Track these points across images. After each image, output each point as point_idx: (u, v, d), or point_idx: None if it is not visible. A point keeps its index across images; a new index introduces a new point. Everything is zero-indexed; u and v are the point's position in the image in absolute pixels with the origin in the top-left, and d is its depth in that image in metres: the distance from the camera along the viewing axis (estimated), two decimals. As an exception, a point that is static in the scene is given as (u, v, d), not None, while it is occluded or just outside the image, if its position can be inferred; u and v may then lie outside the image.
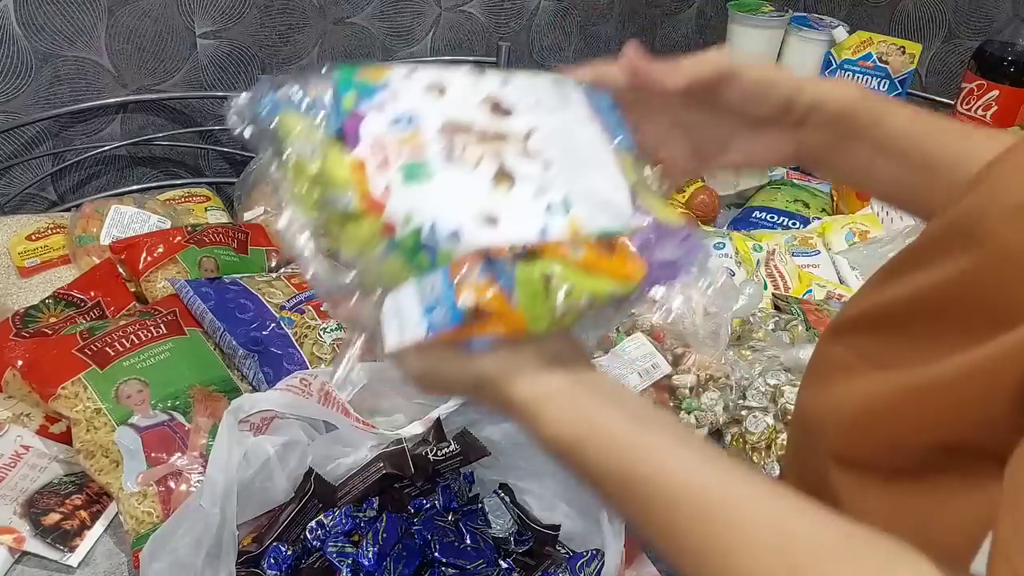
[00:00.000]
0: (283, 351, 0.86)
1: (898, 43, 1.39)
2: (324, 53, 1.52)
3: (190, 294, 0.89)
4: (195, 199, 1.19)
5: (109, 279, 0.98)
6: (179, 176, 1.49)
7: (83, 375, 0.77)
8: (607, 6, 1.67)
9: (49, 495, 0.75)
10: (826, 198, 1.38)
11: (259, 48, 1.45)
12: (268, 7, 1.42)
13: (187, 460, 0.75)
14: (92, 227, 1.05)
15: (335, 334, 0.89)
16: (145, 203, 1.11)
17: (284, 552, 0.67)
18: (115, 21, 1.29)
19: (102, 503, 0.76)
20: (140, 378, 0.78)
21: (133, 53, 1.33)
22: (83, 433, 0.75)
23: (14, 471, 0.75)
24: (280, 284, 0.94)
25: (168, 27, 1.34)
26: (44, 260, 1.02)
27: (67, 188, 1.40)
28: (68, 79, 1.29)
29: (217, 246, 1.02)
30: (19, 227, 1.05)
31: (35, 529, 0.72)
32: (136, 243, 1.00)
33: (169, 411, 0.78)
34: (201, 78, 1.41)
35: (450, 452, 0.73)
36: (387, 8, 1.53)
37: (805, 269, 1.16)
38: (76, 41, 1.27)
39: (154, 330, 0.83)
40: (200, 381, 0.81)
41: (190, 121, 1.44)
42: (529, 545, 0.71)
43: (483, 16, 1.63)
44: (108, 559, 0.73)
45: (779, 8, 1.49)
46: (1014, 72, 1.24)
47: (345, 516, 0.69)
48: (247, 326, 0.87)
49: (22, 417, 0.80)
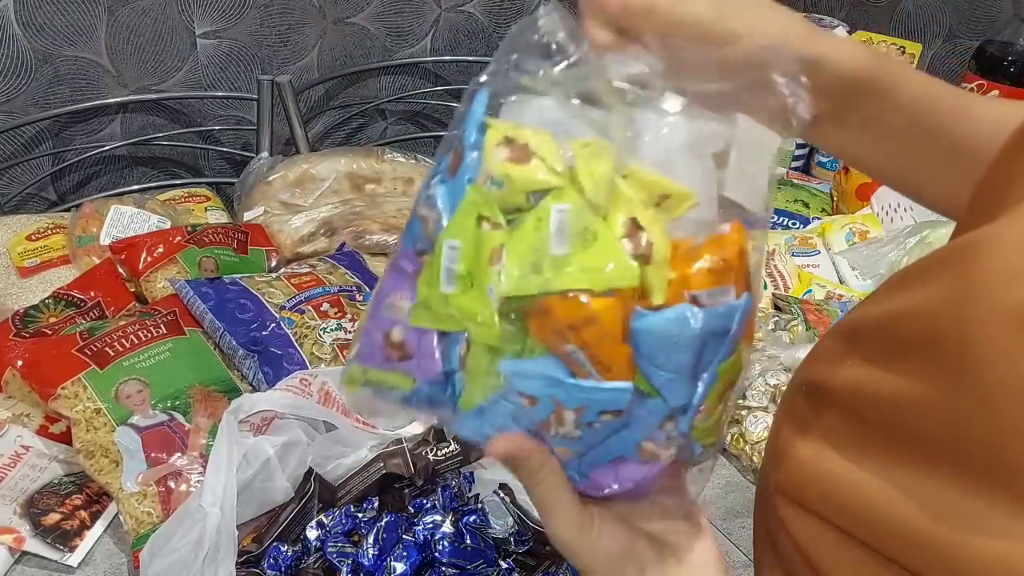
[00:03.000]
0: (283, 351, 0.86)
1: (898, 43, 1.39)
2: (324, 53, 1.52)
3: (190, 294, 0.89)
4: (195, 199, 1.19)
5: (109, 279, 0.98)
6: (179, 176, 1.49)
7: (83, 375, 0.77)
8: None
9: (49, 495, 0.75)
10: (826, 198, 1.38)
11: (259, 48, 1.45)
12: (268, 7, 1.42)
13: (187, 460, 0.75)
14: (92, 227, 1.05)
15: (335, 334, 0.89)
16: (145, 203, 1.11)
17: (284, 552, 0.67)
18: (115, 21, 1.29)
19: (102, 503, 0.76)
20: (140, 378, 0.78)
21: (133, 53, 1.33)
22: (83, 433, 0.75)
23: (14, 471, 0.75)
24: (280, 284, 0.94)
25: (168, 27, 1.34)
26: (44, 260, 1.02)
27: (67, 188, 1.40)
28: (68, 79, 1.29)
29: (217, 246, 1.02)
30: (19, 227, 1.05)
31: (35, 529, 0.72)
32: (136, 243, 1.00)
33: (169, 411, 0.78)
34: (201, 78, 1.41)
35: (450, 452, 0.73)
36: (387, 8, 1.53)
37: (805, 269, 1.16)
38: (76, 41, 1.27)
39: (154, 330, 0.83)
40: (200, 381, 0.81)
41: (190, 121, 1.44)
42: (529, 545, 0.71)
43: (483, 16, 1.63)
44: (108, 559, 0.73)
45: (779, 8, 1.49)
46: (1014, 72, 1.24)
47: (345, 516, 0.70)
48: (247, 326, 0.87)
49: (22, 417, 0.80)
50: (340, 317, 0.91)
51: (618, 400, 0.37)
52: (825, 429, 0.43)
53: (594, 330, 0.35)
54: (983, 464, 0.32)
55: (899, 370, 0.37)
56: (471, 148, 0.39)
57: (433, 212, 0.40)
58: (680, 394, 0.37)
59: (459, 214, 0.38)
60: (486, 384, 0.38)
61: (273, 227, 1.12)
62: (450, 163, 0.40)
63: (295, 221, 1.13)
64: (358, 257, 1.05)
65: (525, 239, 0.37)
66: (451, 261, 0.38)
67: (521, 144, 0.38)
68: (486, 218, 0.38)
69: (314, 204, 1.16)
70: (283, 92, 1.36)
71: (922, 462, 0.35)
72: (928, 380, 0.35)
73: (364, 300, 0.95)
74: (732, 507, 0.83)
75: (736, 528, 0.81)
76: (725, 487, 0.86)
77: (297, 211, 1.15)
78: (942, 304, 0.34)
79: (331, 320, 0.90)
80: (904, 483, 0.36)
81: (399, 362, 0.41)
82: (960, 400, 0.32)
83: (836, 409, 0.43)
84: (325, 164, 1.21)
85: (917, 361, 0.36)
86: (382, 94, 1.63)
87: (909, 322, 0.38)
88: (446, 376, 0.40)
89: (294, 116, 1.39)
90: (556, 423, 0.38)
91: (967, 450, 0.33)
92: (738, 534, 0.80)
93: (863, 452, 0.39)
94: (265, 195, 1.17)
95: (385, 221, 1.14)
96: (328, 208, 1.15)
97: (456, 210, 0.39)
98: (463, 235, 0.38)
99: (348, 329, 0.90)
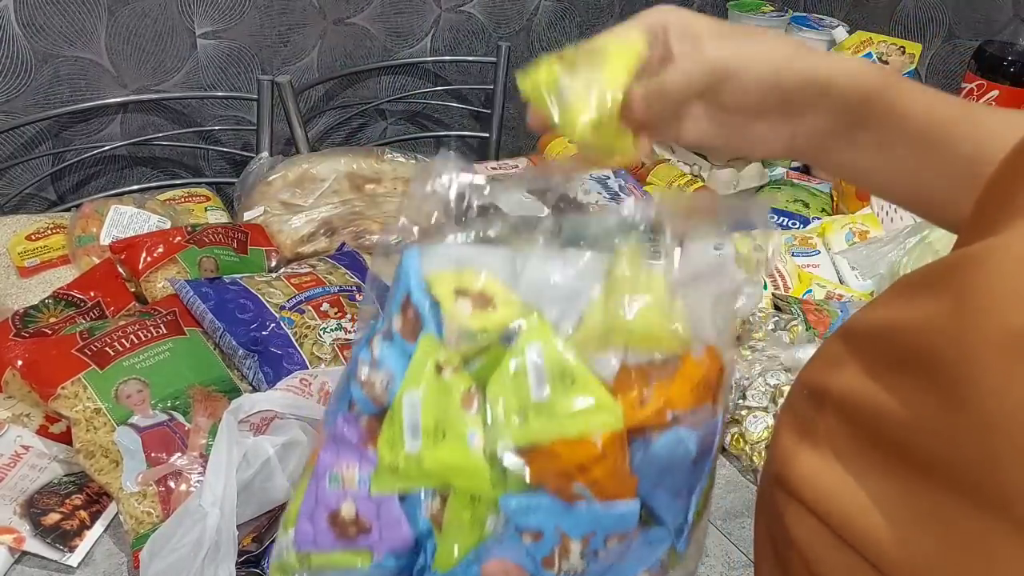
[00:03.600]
0: (283, 351, 0.86)
1: (898, 43, 1.39)
2: (324, 53, 1.52)
3: (190, 294, 0.89)
4: (195, 199, 1.19)
5: (109, 279, 0.98)
6: (179, 176, 1.49)
7: (83, 375, 0.77)
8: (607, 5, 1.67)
9: (49, 495, 0.75)
10: (826, 198, 1.38)
11: (259, 48, 1.45)
12: (268, 7, 1.42)
13: (187, 460, 0.75)
14: (92, 227, 1.05)
15: (335, 334, 0.89)
16: (145, 203, 1.11)
17: (284, 552, 0.67)
18: (115, 21, 1.29)
19: (102, 503, 0.76)
20: (140, 378, 0.78)
21: (133, 53, 1.33)
22: (83, 433, 0.75)
23: (14, 471, 0.75)
24: (280, 284, 0.94)
25: (168, 27, 1.34)
26: (44, 260, 1.02)
27: (67, 188, 1.40)
28: (68, 79, 1.29)
29: (217, 246, 1.02)
30: (19, 227, 1.05)
31: (35, 529, 0.72)
32: (136, 243, 1.00)
33: (169, 411, 0.78)
34: (201, 78, 1.41)
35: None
36: (387, 8, 1.53)
37: (805, 269, 1.16)
38: (76, 41, 1.27)
39: (154, 330, 0.83)
40: (200, 381, 0.81)
41: (190, 121, 1.45)
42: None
43: (483, 16, 1.63)
44: (108, 559, 0.73)
45: (779, 8, 1.49)
46: (1014, 72, 1.24)
47: (345, 516, 0.70)
48: (247, 326, 0.87)
49: (22, 417, 0.80)
50: (340, 317, 0.91)
51: (627, 520, 0.37)
52: (825, 433, 0.42)
53: (604, 467, 0.35)
54: (981, 488, 0.31)
55: (896, 384, 0.37)
56: (424, 307, 0.38)
57: (380, 373, 0.39)
58: (678, 514, 0.38)
59: (414, 366, 0.37)
60: (469, 537, 0.37)
61: (273, 227, 1.12)
62: (400, 327, 0.39)
63: (295, 221, 1.13)
64: (358, 257, 1.05)
65: (502, 383, 0.36)
66: (414, 416, 0.37)
67: (476, 292, 0.38)
68: (444, 365, 0.37)
69: (314, 204, 1.16)
70: (283, 92, 1.36)
71: (918, 479, 0.35)
72: (925, 398, 0.34)
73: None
74: (732, 507, 0.83)
75: (736, 528, 0.81)
76: (725, 487, 0.86)
77: (297, 211, 1.15)
78: (942, 322, 0.34)
79: (331, 320, 0.90)
80: (900, 498, 0.36)
81: (354, 539, 0.38)
82: (957, 422, 0.32)
83: (835, 414, 0.42)
84: (325, 164, 1.21)
85: (914, 377, 0.35)
86: (382, 94, 1.63)
87: (908, 336, 0.37)
88: (416, 542, 0.38)
89: (294, 116, 1.39)
90: (561, 556, 0.37)
91: (964, 473, 0.32)
92: (738, 534, 0.80)
93: (862, 462, 0.39)
94: (265, 195, 1.17)
95: (385, 221, 1.14)
96: (328, 208, 1.15)
97: (410, 363, 0.37)
98: (423, 386, 0.37)
99: (348, 329, 0.90)
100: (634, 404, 0.36)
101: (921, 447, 0.35)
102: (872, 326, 0.42)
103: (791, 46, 0.46)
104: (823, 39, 1.44)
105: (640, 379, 0.37)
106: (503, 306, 0.37)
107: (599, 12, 1.68)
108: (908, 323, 0.38)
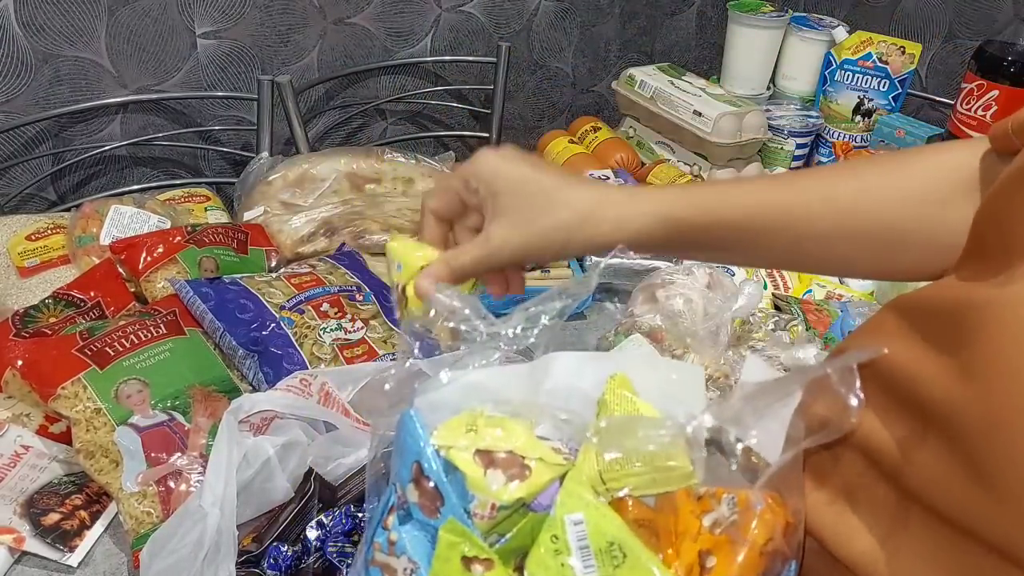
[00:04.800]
0: (283, 351, 0.86)
1: (898, 43, 1.39)
2: (324, 53, 1.52)
3: (190, 294, 0.89)
4: (195, 199, 1.19)
5: (109, 279, 0.98)
6: (179, 176, 1.49)
7: (83, 375, 0.77)
8: (607, 5, 1.67)
9: (49, 495, 0.75)
10: (826, 198, 1.38)
11: (259, 48, 1.45)
12: (268, 7, 1.42)
13: (187, 460, 0.75)
14: (92, 227, 1.05)
15: (335, 334, 0.89)
16: (145, 203, 1.11)
17: (284, 552, 0.67)
18: (115, 21, 1.29)
19: (102, 503, 0.76)
20: (140, 378, 0.78)
21: (133, 53, 1.33)
22: (83, 433, 0.75)
23: (14, 471, 0.75)
24: (280, 284, 0.94)
25: (168, 27, 1.34)
26: (44, 260, 1.02)
27: (67, 188, 1.40)
28: (68, 79, 1.29)
29: (217, 246, 1.02)
30: (19, 227, 1.05)
31: (35, 529, 0.72)
32: (136, 243, 1.00)
33: (169, 411, 0.78)
34: (201, 78, 1.41)
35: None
36: (387, 8, 1.53)
37: (805, 269, 1.16)
38: (76, 41, 1.27)
39: (154, 330, 0.83)
40: (200, 381, 0.81)
41: (190, 121, 1.45)
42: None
43: (483, 16, 1.63)
44: (108, 559, 0.73)
45: (779, 8, 1.49)
46: (1014, 72, 1.24)
47: (345, 516, 0.69)
48: (247, 326, 0.87)
49: (22, 417, 0.80)
50: (340, 317, 0.91)
51: None
52: (841, 483, 0.43)
53: None
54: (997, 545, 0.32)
55: (909, 430, 0.37)
56: (442, 479, 0.35)
57: (402, 561, 0.35)
58: None
59: (438, 563, 0.34)
60: None
61: (273, 227, 1.12)
62: (417, 500, 0.35)
63: (295, 221, 1.13)
64: (358, 257, 1.05)
65: (544, 566, 0.33)
66: None
67: (503, 453, 0.34)
68: (472, 558, 0.33)
69: (314, 204, 1.16)
70: (283, 92, 1.36)
71: (934, 525, 0.35)
72: (940, 455, 0.34)
73: (364, 300, 0.95)
74: (732, 507, 0.83)
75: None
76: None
77: (297, 211, 1.15)
78: (960, 386, 0.33)
79: (331, 320, 0.90)
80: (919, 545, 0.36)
81: None
82: (974, 481, 0.32)
83: (850, 453, 0.42)
84: (325, 164, 1.21)
85: (935, 430, 0.35)
86: (382, 94, 1.63)
87: (923, 386, 0.36)
88: None
89: (294, 116, 1.39)
90: None
91: (980, 529, 0.32)
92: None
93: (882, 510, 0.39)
94: (265, 195, 1.17)
95: (385, 221, 1.14)
96: (328, 208, 1.15)
97: (433, 559, 0.34)
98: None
99: (348, 329, 0.90)
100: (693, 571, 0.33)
101: (936, 496, 0.35)
102: (877, 364, 0.41)
103: (578, 216, 0.46)
104: (823, 39, 1.44)
105: (699, 540, 0.35)
106: (537, 468, 0.34)
107: (599, 12, 1.69)
108: (919, 374, 0.37)
